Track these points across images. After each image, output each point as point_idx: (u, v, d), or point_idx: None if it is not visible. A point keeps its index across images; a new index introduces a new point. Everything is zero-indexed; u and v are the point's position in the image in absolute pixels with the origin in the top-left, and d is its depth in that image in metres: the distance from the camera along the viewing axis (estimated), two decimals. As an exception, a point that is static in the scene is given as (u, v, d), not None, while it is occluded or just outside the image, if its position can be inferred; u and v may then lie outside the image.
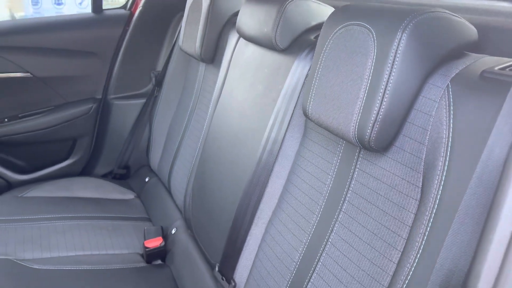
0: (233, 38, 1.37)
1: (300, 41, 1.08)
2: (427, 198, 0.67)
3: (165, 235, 1.52)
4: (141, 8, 1.85)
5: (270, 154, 1.06)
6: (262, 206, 1.08)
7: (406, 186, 0.73)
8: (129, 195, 1.85)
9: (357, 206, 0.82)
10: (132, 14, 1.88)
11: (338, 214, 0.86)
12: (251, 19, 1.17)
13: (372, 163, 0.80)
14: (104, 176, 1.98)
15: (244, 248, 1.11)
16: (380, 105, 0.71)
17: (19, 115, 1.79)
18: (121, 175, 2.00)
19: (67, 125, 1.87)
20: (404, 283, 0.68)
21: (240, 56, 1.30)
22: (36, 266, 1.28)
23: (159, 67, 1.95)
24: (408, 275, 0.68)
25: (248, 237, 1.10)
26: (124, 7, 1.91)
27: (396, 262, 0.72)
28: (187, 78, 1.70)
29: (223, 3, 1.42)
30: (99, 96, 1.92)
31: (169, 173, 1.67)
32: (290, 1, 1.06)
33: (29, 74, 1.75)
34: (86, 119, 1.90)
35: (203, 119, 1.50)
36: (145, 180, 1.88)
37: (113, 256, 1.41)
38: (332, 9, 1.13)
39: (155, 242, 1.45)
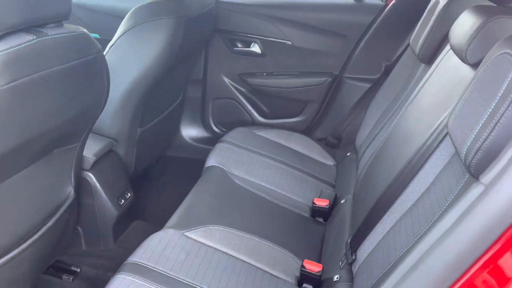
0: (449, 46, 1.38)
1: (493, 60, 1.05)
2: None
3: (335, 202, 1.74)
4: (394, 1, 1.99)
5: (421, 157, 1.12)
6: (397, 203, 1.16)
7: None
8: (329, 162, 2.12)
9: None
10: (385, 6, 2.04)
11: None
12: (459, 30, 1.18)
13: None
14: (319, 140, 2.31)
15: (371, 232, 1.23)
16: (487, 136, 0.72)
17: (274, 73, 2.29)
18: (332, 144, 2.29)
19: (304, 90, 2.27)
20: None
21: (445, 63, 1.32)
22: (237, 181, 1.74)
23: (392, 59, 2.06)
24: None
25: (378, 225, 1.21)
26: (382, -2, 2.10)
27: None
28: (410, 74, 1.78)
29: (455, 10, 1.42)
30: (336, 73, 2.22)
31: (363, 153, 1.84)
32: (493, 19, 1.03)
33: (289, 42, 2.20)
34: (319, 89, 2.25)
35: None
36: (346, 154, 2.11)
37: (288, 198, 1.74)
38: None
39: (322, 202, 1.69)
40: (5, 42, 0.87)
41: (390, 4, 2.01)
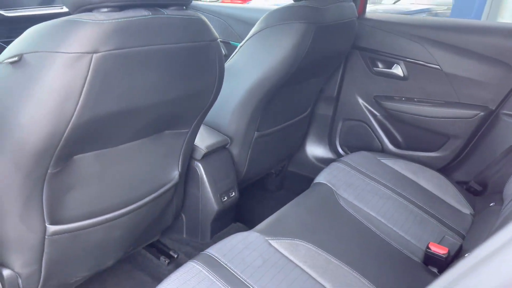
0: None
1: None
2: None
3: (459, 254, 1.44)
4: None
5: None
6: None
7: None
8: (465, 210, 1.78)
9: None
10: None
11: None
12: None
13: None
14: (458, 183, 1.97)
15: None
16: None
17: (415, 99, 2.06)
18: (474, 190, 1.92)
19: (449, 122, 1.97)
20: None
21: None
22: (342, 203, 1.59)
23: None
24: None
25: None
26: None
27: None
28: None
29: None
30: (492, 107, 1.87)
31: (507, 204, 1.49)
32: None
33: (438, 66, 1.95)
34: (468, 123, 1.92)
35: None
36: (489, 204, 1.74)
37: (398, 236, 1.51)
38: None
39: (439, 249, 1.41)
40: (123, 13, 0.95)
41: None
